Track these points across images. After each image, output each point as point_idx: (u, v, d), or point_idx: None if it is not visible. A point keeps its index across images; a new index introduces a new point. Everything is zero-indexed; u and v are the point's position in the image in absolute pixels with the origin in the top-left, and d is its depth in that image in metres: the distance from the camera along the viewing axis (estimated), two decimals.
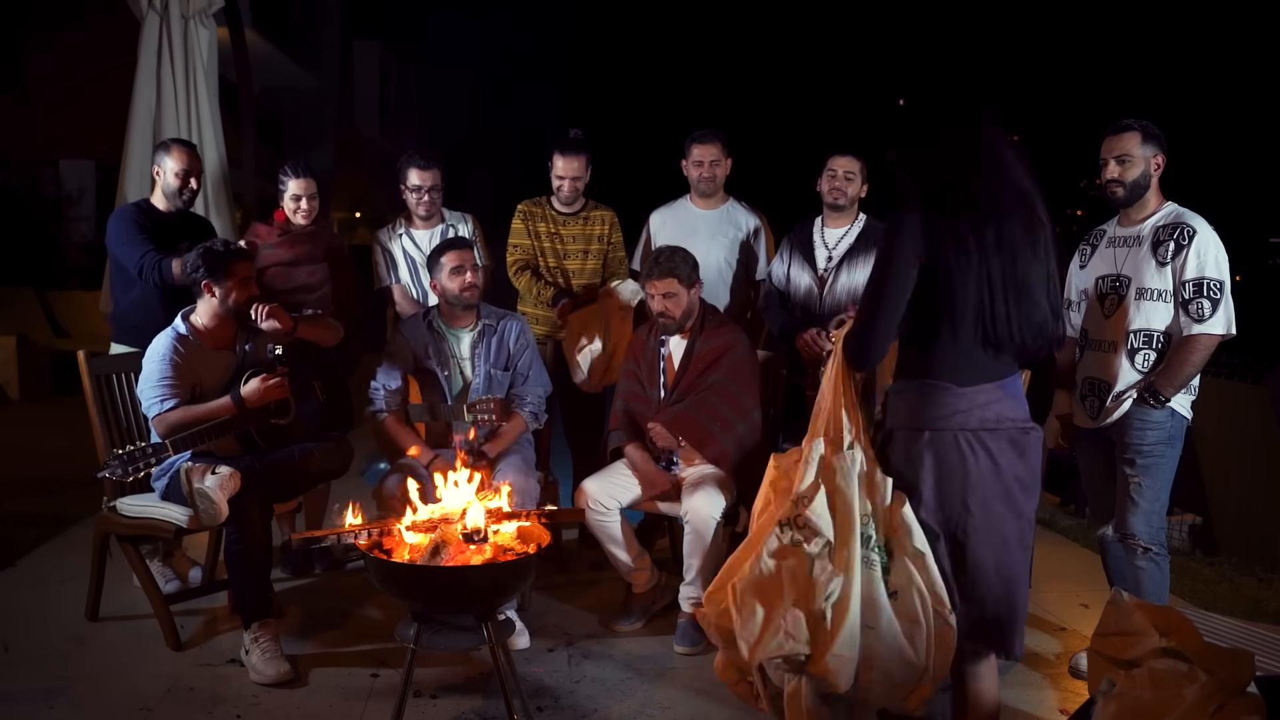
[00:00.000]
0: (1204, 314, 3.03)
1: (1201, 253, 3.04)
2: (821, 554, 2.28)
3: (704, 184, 4.26)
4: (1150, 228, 3.16)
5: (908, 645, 2.27)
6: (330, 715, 2.99)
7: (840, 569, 2.26)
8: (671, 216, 4.36)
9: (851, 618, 2.23)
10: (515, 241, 4.34)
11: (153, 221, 3.86)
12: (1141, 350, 3.13)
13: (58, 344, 9.17)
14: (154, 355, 3.40)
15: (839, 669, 2.23)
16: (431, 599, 2.70)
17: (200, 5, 4.62)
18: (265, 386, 3.37)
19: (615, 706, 3.07)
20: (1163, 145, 3.14)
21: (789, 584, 2.29)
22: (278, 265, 4.10)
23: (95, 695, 3.06)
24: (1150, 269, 3.11)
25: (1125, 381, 3.14)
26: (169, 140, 4.01)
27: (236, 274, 3.44)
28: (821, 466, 2.35)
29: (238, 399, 3.37)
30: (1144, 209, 3.19)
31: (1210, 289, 3.03)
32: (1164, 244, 3.10)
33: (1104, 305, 3.22)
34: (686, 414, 3.61)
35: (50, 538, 4.50)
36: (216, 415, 3.36)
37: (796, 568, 2.29)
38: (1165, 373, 3.09)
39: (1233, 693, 2.17)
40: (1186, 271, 3.05)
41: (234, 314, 3.48)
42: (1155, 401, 3.10)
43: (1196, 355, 3.06)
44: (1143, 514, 3.15)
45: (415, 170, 4.20)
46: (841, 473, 2.32)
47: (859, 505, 2.28)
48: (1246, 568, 4.44)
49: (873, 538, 2.29)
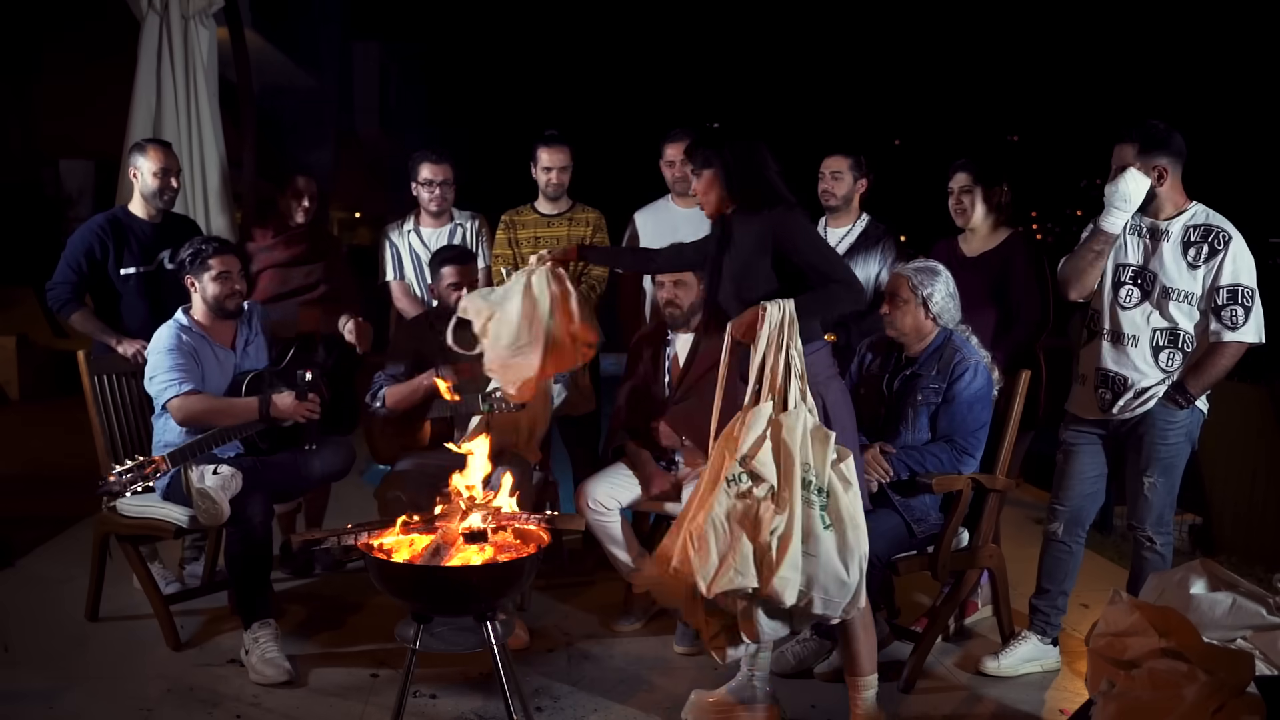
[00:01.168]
0: (1237, 321, 3.03)
1: (1237, 259, 3.03)
2: (766, 496, 2.68)
3: (678, 184, 4.24)
4: (1180, 226, 3.11)
5: (842, 568, 2.64)
6: (330, 715, 2.99)
7: (783, 509, 2.65)
8: (653, 217, 4.34)
9: (794, 546, 2.62)
10: (498, 252, 4.34)
11: (129, 235, 3.81)
12: (1166, 349, 3.12)
13: (58, 344, 9.15)
14: (160, 345, 3.40)
15: (783, 589, 2.61)
16: (431, 599, 2.71)
17: (200, 5, 4.61)
18: (299, 408, 3.37)
19: (615, 706, 3.07)
20: (1172, 151, 3.09)
21: (738, 524, 2.67)
22: (274, 267, 4.11)
23: (95, 695, 3.07)
24: (1179, 269, 3.08)
25: (1149, 379, 3.13)
26: (143, 140, 3.96)
27: (213, 268, 3.45)
28: (770, 424, 2.72)
29: (265, 409, 3.37)
30: (1164, 207, 3.14)
31: (1244, 296, 3.03)
32: (1196, 246, 3.07)
33: (1120, 294, 3.19)
34: (691, 413, 3.60)
35: (50, 538, 4.50)
36: (240, 414, 3.36)
37: (746, 509, 2.68)
38: (1194, 374, 3.09)
39: (1233, 693, 2.18)
40: (1222, 278, 3.03)
41: (217, 309, 3.49)
42: (1183, 401, 3.10)
43: (1227, 361, 3.07)
44: (1155, 511, 3.17)
45: (428, 164, 4.23)
46: (787, 429, 2.69)
47: (799, 455, 2.66)
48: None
49: (813, 482, 2.67)
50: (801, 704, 3.10)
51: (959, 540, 3.27)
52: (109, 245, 3.78)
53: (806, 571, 2.63)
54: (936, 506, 3.23)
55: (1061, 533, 3.32)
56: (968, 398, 3.16)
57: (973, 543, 3.29)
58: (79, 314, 3.76)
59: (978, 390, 3.17)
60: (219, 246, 3.49)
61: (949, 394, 3.17)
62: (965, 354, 3.20)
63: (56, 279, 3.78)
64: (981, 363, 3.21)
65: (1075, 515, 3.32)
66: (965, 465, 3.18)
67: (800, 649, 3.32)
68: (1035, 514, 4.81)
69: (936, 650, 3.42)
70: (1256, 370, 4.75)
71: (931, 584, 3.65)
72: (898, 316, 3.23)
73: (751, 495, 2.68)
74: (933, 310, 3.21)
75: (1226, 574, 2.68)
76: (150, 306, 3.74)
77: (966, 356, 3.19)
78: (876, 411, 3.33)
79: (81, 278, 3.76)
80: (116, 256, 3.78)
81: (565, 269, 4.13)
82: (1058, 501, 3.35)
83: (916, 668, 3.25)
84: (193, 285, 3.49)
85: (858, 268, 3.87)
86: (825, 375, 2.89)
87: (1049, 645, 3.35)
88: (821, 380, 2.85)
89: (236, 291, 3.51)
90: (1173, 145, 3.11)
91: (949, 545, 3.19)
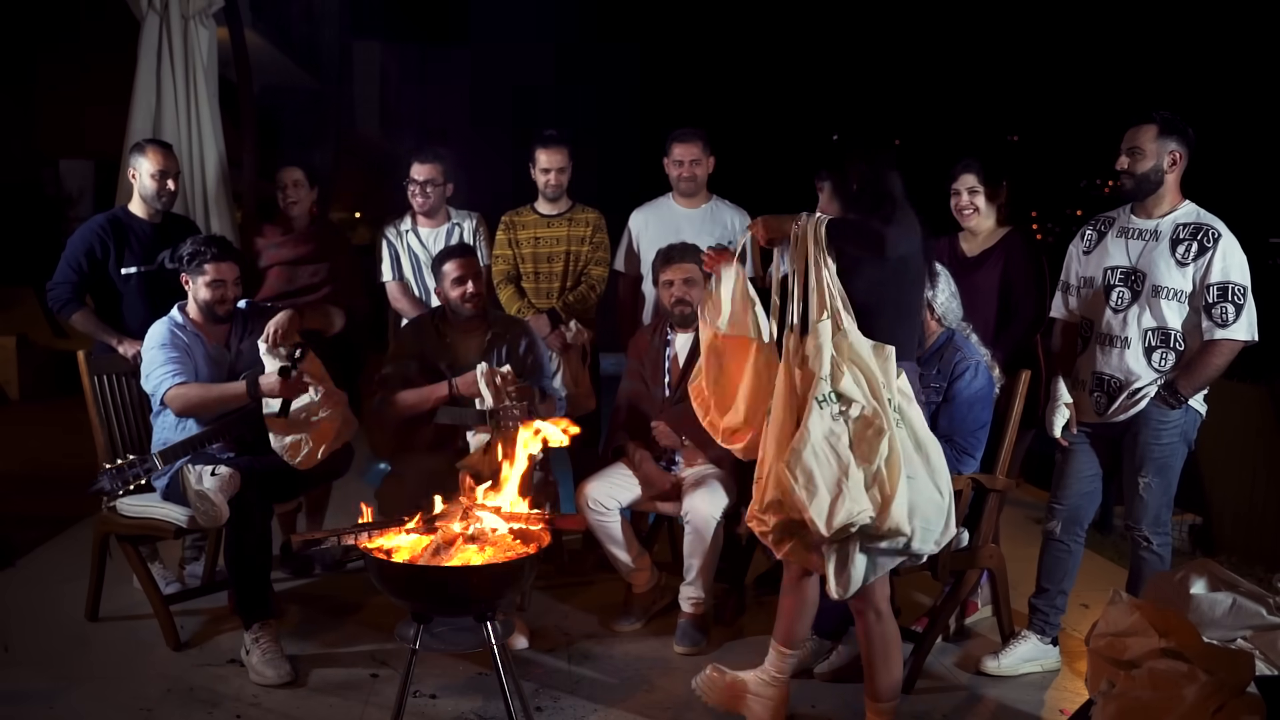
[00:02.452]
0: (1228, 319, 3.01)
1: (1227, 257, 3.02)
2: (861, 418, 2.49)
3: (684, 184, 4.24)
4: (1170, 224, 3.11)
5: (935, 490, 2.51)
6: (330, 715, 2.99)
7: (882, 431, 2.46)
8: (654, 216, 4.33)
9: (902, 471, 2.44)
10: (498, 253, 4.33)
11: (130, 234, 3.81)
12: (1159, 349, 3.12)
13: (58, 344, 9.14)
14: (154, 341, 3.42)
15: (900, 518, 2.42)
16: (431, 599, 2.71)
17: (200, 5, 4.61)
18: (284, 385, 3.38)
19: (615, 706, 3.07)
20: (1185, 140, 3.10)
21: (844, 452, 2.46)
22: (280, 265, 4.11)
23: (95, 695, 3.07)
24: (1168, 267, 3.08)
25: (1142, 379, 3.13)
26: (142, 141, 3.96)
27: (207, 273, 3.45)
28: (835, 345, 2.55)
29: (253, 385, 3.37)
30: (1160, 203, 3.14)
31: (1234, 294, 3.01)
32: (1185, 243, 3.07)
33: (1112, 297, 3.19)
34: (691, 413, 3.60)
35: (50, 538, 4.49)
36: (231, 397, 3.37)
37: (841, 436, 2.48)
38: (1186, 374, 3.08)
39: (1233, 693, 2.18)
40: (1211, 275, 3.02)
41: (207, 314, 3.50)
42: (1174, 401, 3.10)
43: (1219, 359, 3.06)
44: (1152, 511, 3.17)
45: (415, 164, 4.23)
46: (853, 349, 2.54)
47: (878, 374, 2.51)
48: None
49: (892, 399, 2.51)
50: (802, 704, 3.10)
51: (959, 540, 3.27)
52: (109, 245, 3.77)
53: (909, 498, 2.47)
54: None
55: (1060, 532, 3.32)
56: (968, 397, 3.16)
57: (973, 543, 3.29)
58: (79, 314, 3.76)
59: (978, 390, 3.17)
60: (218, 253, 3.48)
61: (949, 393, 3.17)
62: (966, 353, 3.20)
63: (57, 279, 3.78)
64: (982, 362, 3.22)
65: (1073, 514, 3.32)
66: (965, 465, 3.18)
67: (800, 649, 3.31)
68: (1035, 514, 4.81)
69: (936, 650, 3.42)
70: (1256, 370, 4.75)
71: (931, 584, 3.65)
72: None
73: (846, 418, 2.50)
74: (938, 312, 3.22)
75: (1226, 574, 2.68)
76: (151, 306, 3.74)
77: (967, 356, 3.19)
78: None
79: (82, 278, 3.77)
80: (117, 256, 3.78)
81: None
82: (1056, 501, 3.35)
83: (916, 668, 3.24)
84: (187, 284, 3.50)
85: None
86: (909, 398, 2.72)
87: (1049, 645, 3.35)
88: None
89: (227, 299, 3.51)
90: (1188, 135, 3.11)
91: (949, 545, 3.19)
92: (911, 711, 3.08)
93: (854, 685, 3.19)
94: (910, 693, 3.18)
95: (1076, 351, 3.31)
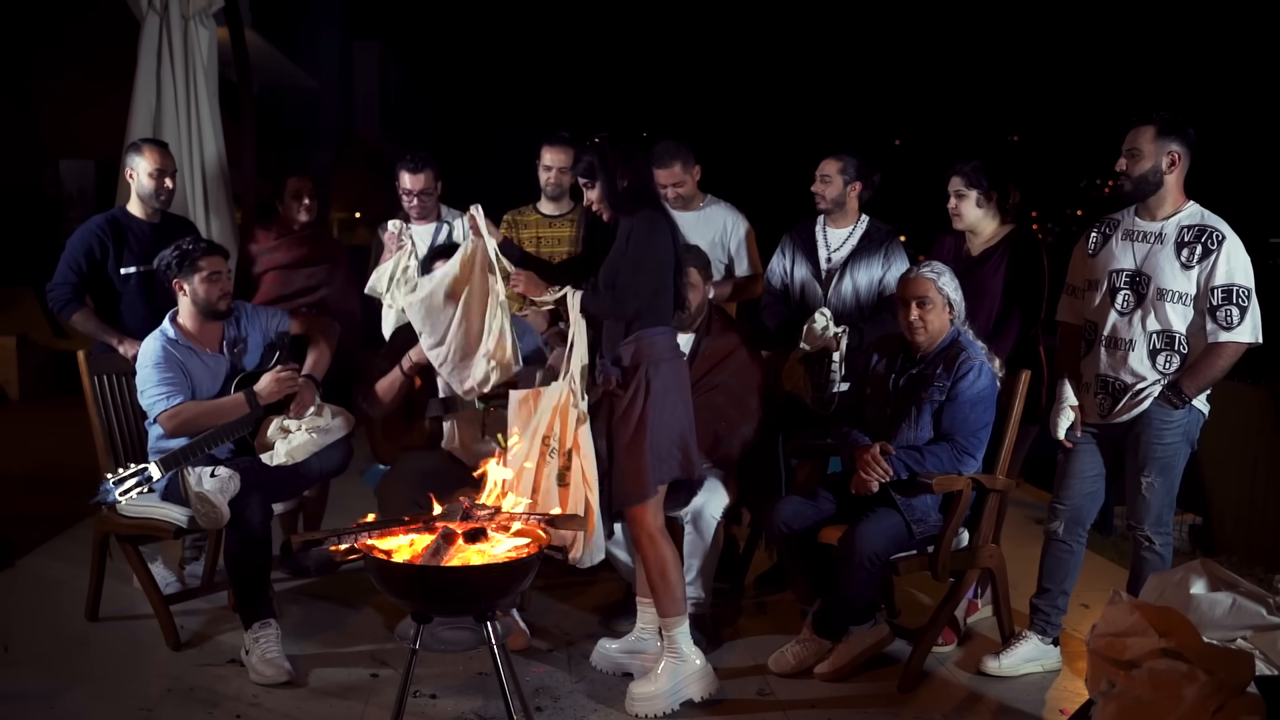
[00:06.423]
0: (1233, 322, 3.01)
1: (1231, 259, 3.02)
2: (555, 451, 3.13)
3: (674, 203, 4.10)
4: (1174, 227, 3.10)
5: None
6: (330, 715, 2.99)
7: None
8: None
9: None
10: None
11: (129, 235, 3.80)
12: (1163, 351, 3.11)
13: (58, 344, 9.14)
14: (147, 359, 3.40)
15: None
16: (431, 599, 2.70)
17: (200, 5, 4.61)
18: (278, 379, 3.36)
19: (615, 706, 3.07)
20: (1186, 142, 3.09)
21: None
22: (276, 269, 4.10)
23: (95, 695, 3.07)
24: (1173, 270, 3.07)
25: (1146, 381, 3.13)
26: (139, 140, 3.95)
27: (203, 269, 3.43)
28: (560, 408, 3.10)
29: (251, 395, 3.36)
30: (1163, 205, 3.13)
31: (1239, 296, 3.01)
32: (1189, 246, 3.06)
33: (1117, 300, 3.18)
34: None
35: (50, 538, 4.49)
36: (230, 411, 3.36)
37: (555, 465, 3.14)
38: (1190, 375, 3.08)
39: (1233, 693, 2.18)
40: (1216, 278, 3.02)
41: (207, 311, 3.48)
42: (1178, 401, 3.09)
43: (1224, 361, 3.05)
44: (1154, 511, 3.17)
45: (405, 174, 4.14)
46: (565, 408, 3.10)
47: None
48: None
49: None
50: (802, 704, 3.10)
51: (959, 540, 3.27)
52: (109, 245, 3.77)
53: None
54: (937, 507, 3.23)
55: (1062, 532, 3.32)
56: (970, 396, 3.16)
57: (973, 543, 3.29)
58: (79, 314, 3.76)
59: (981, 390, 3.18)
60: (206, 248, 3.47)
61: (953, 392, 3.17)
62: (971, 353, 3.20)
63: (57, 279, 3.78)
64: (986, 363, 3.22)
65: (1075, 514, 3.32)
66: (966, 465, 3.19)
67: (800, 649, 3.32)
68: (1035, 514, 4.81)
69: (936, 650, 3.42)
70: (1256, 370, 4.75)
71: (932, 584, 3.65)
72: (931, 319, 3.23)
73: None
74: (955, 310, 3.24)
75: (1226, 574, 2.68)
76: (150, 306, 3.74)
77: (972, 355, 3.20)
78: (883, 411, 3.34)
79: (82, 278, 3.77)
80: (116, 256, 3.78)
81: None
82: (1058, 501, 3.35)
83: (916, 668, 3.25)
84: (181, 289, 3.46)
85: (861, 270, 3.87)
86: (663, 357, 3.06)
87: (1049, 645, 3.35)
88: (654, 360, 3.04)
89: (227, 291, 3.51)
90: (1188, 135, 3.10)
91: (949, 545, 3.20)
92: (911, 711, 3.08)
93: (854, 685, 3.20)
94: (910, 693, 3.18)
95: (1080, 354, 3.31)
